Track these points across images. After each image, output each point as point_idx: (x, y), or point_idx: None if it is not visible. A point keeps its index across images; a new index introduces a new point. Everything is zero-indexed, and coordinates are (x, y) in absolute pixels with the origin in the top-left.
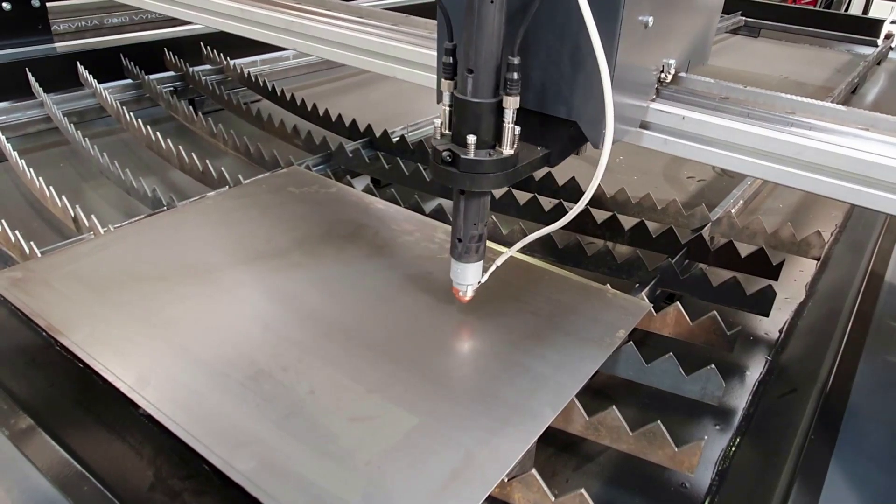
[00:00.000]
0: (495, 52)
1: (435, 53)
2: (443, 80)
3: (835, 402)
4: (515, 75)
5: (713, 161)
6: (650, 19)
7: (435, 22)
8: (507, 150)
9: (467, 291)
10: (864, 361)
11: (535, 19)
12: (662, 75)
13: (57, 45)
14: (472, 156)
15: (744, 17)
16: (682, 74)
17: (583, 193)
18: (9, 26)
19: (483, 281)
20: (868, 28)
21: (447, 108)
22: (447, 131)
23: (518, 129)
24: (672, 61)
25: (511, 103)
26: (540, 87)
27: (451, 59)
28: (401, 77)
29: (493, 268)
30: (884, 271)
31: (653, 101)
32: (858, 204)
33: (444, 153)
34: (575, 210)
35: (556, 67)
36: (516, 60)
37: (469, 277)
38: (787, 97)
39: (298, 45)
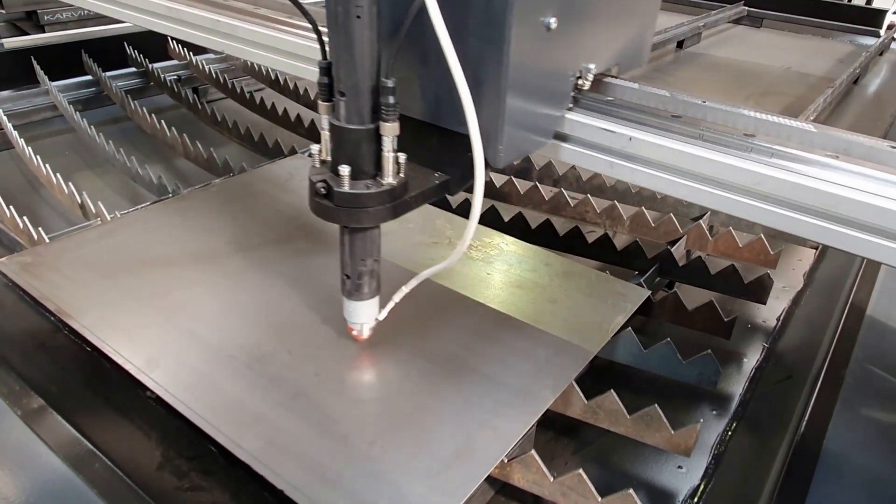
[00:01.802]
0: (369, 72)
1: None
2: (319, 102)
3: (829, 389)
4: (391, 99)
5: (643, 182)
6: (552, 21)
7: None
8: (389, 180)
9: (363, 330)
10: (859, 350)
11: (414, 30)
12: (580, 81)
13: (61, 33)
14: (346, 188)
15: (746, 7)
16: (609, 80)
17: (582, 181)
18: None
19: (381, 318)
20: (871, 18)
21: (325, 132)
22: (326, 158)
23: (403, 156)
24: (591, 66)
25: (389, 130)
26: (434, 98)
27: (325, 78)
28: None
29: (391, 304)
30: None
31: (569, 110)
32: (826, 244)
33: (319, 184)
34: (459, 250)
35: (444, 78)
36: (390, 83)
37: (363, 315)
38: (746, 113)
39: (227, 48)
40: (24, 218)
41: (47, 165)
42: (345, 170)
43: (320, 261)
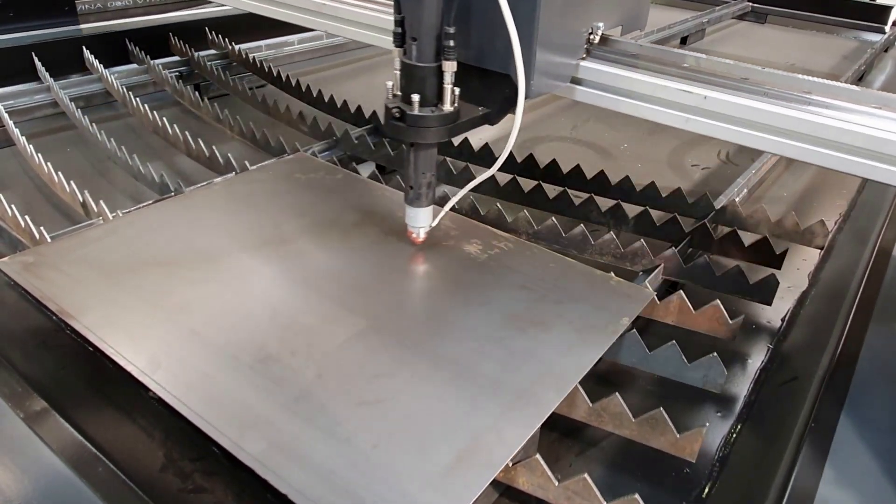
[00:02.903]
0: (435, 22)
1: None
2: (394, 47)
3: (835, 390)
4: (451, 42)
5: (717, 134)
6: None
7: None
8: (448, 107)
9: (420, 233)
10: (865, 351)
11: None
12: (591, 37)
13: (63, 29)
14: (416, 112)
15: (750, 3)
16: (614, 37)
17: (587, 180)
18: (35, 6)
19: (434, 224)
20: (876, 15)
21: (397, 73)
22: (398, 92)
23: (457, 89)
24: (600, 24)
25: (449, 67)
26: (478, 45)
27: (399, 29)
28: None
29: (442, 213)
30: (887, 261)
31: (583, 59)
32: (873, 179)
33: (394, 110)
34: (505, 153)
35: (491, 27)
36: (452, 30)
37: (420, 220)
38: (800, 77)
39: (330, 28)
40: (27, 217)
41: (49, 163)
42: (416, 97)
43: (324, 260)
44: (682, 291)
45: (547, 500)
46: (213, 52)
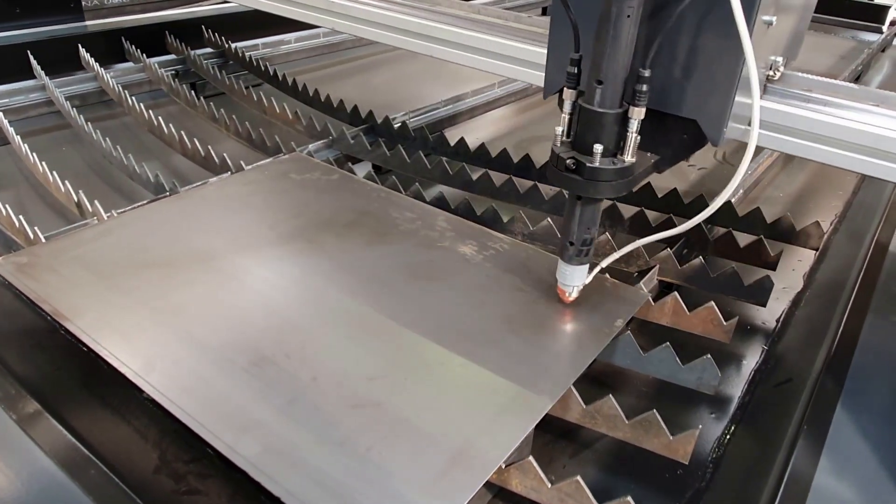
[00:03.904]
0: (626, 64)
1: (490, 38)
2: (566, 89)
3: (828, 392)
4: (645, 87)
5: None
6: (774, 19)
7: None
8: (629, 159)
9: (573, 293)
10: (859, 352)
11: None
12: (770, 73)
13: (60, 27)
14: (597, 164)
15: None
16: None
17: None
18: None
19: (588, 282)
20: (873, 14)
21: (567, 116)
22: (567, 138)
23: (638, 137)
24: (780, 59)
25: (637, 114)
26: (659, 87)
27: (575, 69)
28: (438, 56)
29: (597, 270)
30: (881, 262)
31: (761, 98)
32: (869, 174)
33: (569, 160)
34: (695, 220)
35: (678, 67)
36: (647, 73)
37: (577, 279)
38: (803, 76)
39: (337, 25)
40: (21, 217)
41: (44, 163)
42: (598, 148)
43: (319, 261)
44: (676, 293)
45: (540, 502)
46: (209, 50)
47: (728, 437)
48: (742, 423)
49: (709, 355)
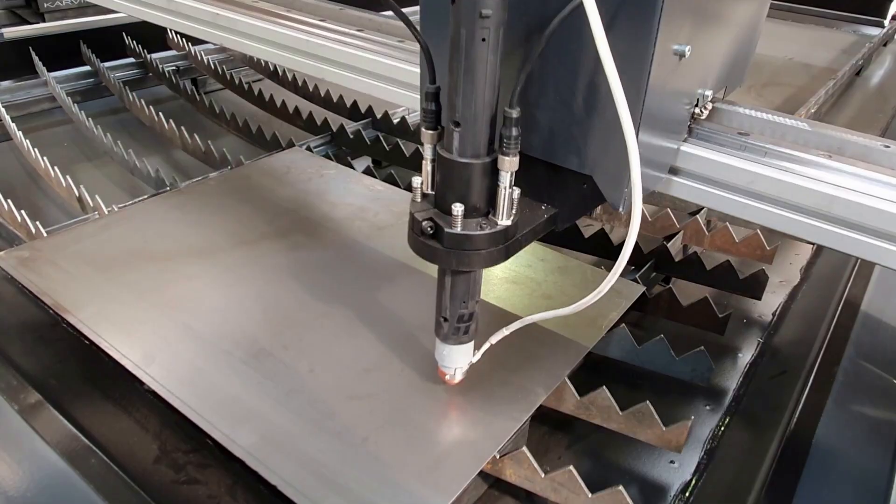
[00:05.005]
0: (489, 101)
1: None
2: (423, 129)
3: (820, 384)
4: (514, 131)
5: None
6: (687, 49)
7: (382, 19)
8: (504, 221)
9: (455, 374)
10: (851, 345)
11: (539, 57)
12: (697, 110)
13: (60, 23)
14: (458, 229)
15: None
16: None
17: None
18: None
19: (475, 361)
20: (875, 8)
21: (429, 164)
22: (429, 191)
23: (517, 191)
24: (709, 92)
25: (509, 165)
26: (547, 132)
27: (432, 104)
28: (329, 79)
29: (486, 346)
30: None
31: (684, 141)
32: (821, 243)
33: (425, 223)
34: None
35: (566, 109)
36: (515, 113)
37: (457, 360)
38: (742, 111)
39: (225, 41)
40: (22, 211)
41: (45, 158)
42: (458, 209)
43: (317, 255)
44: (672, 286)
45: (534, 492)
46: (210, 45)
47: (723, 428)
48: (737, 414)
49: (702, 347)
